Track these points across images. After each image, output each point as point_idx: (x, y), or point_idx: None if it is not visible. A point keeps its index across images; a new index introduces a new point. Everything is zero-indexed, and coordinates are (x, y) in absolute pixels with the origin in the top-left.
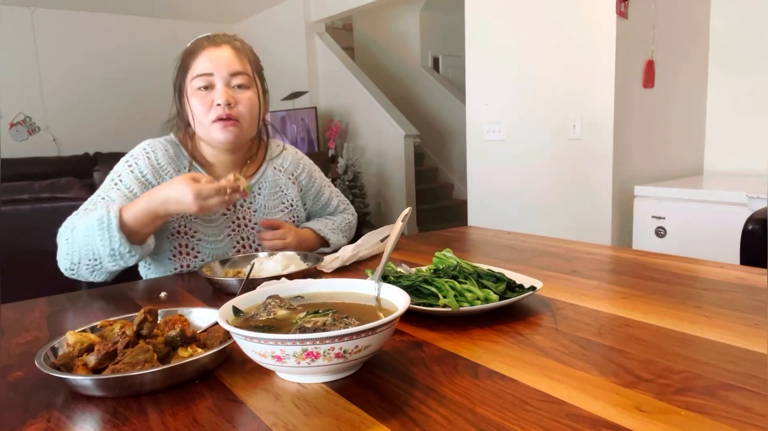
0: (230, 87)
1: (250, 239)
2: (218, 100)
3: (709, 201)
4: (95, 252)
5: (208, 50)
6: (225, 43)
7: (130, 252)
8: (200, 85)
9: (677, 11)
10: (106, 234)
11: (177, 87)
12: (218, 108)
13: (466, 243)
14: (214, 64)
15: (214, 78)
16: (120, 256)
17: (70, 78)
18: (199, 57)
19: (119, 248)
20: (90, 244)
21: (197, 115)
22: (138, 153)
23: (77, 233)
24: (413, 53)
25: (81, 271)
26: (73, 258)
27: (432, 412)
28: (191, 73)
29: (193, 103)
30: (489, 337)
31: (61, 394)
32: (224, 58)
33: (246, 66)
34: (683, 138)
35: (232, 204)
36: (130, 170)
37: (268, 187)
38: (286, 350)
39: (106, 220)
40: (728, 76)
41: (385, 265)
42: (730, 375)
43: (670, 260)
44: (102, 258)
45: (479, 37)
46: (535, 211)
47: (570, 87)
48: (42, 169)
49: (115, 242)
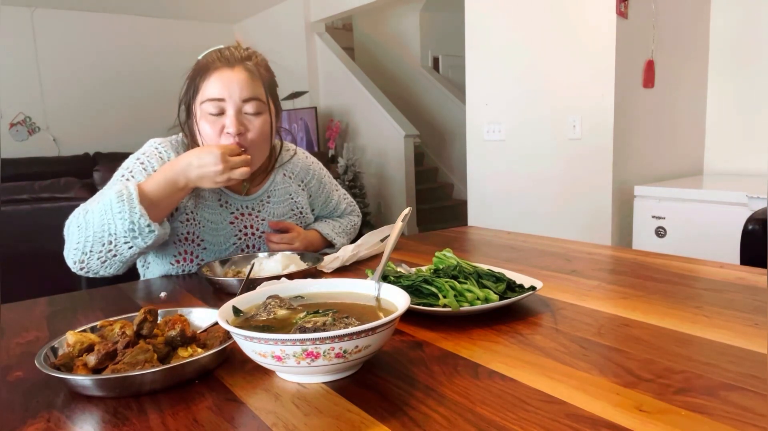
0: (241, 113)
1: (255, 248)
2: (228, 129)
3: (709, 201)
4: (111, 233)
5: (221, 72)
6: (238, 63)
7: (149, 226)
8: (211, 111)
9: (677, 11)
10: (125, 207)
11: (186, 104)
12: (228, 136)
13: (466, 243)
14: (226, 89)
15: (226, 104)
16: (139, 231)
17: (70, 78)
18: (211, 79)
19: (139, 220)
20: (106, 223)
21: (206, 138)
22: (150, 152)
23: (91, 215)
24: (413, 53)
25: (92, 263)
26: (85, 246)
27: (432, 412)
28: (201, 96)
29: (202, 127)
30: (489, 337)
31: (61, 394)
32: (237, 83)
33: (259, 90)
34: (683, 138)
35: None
36: (143, 167)
37: (278, 194)
38: (286, 350)
39: (125, 193)
40: (728, 76)
41: (385, 265)
42: (730, 375)
43: (670, 260)
44: (118, 238)
45: (479, 37)
46: (535, 211)
47: (570, 87)
48: (42, 169)
49: (135, 214)
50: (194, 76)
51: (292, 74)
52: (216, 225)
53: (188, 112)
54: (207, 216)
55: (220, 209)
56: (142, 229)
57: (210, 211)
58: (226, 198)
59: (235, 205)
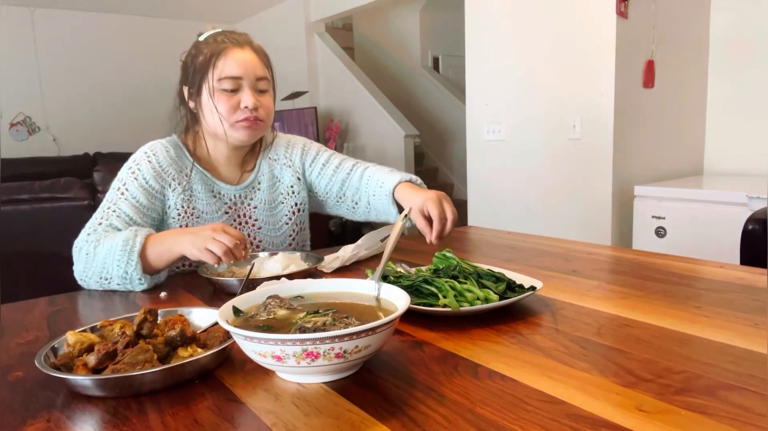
0: (255, 91)
1: (251, 236)
2: (246, 103)
3: (709, 201)
4: (108, 272)
5: (234, 51)
6: (246, 43)
7: (140, 279)
8: (227, 88)
9: (677, 11)
10: (125, 256)
11: (195, 84)
12: (245, 110)
13: (466, 243)
14: (242, 68)
15: (243, 81)
16: (130, 280)
17: (70, 78)
18: (227, 58)
19: (132, 272)
20: (107, 263)
21: (223, 114)
22: (140, 158)
23: (99, 251)
24: (413, 53)
25: (90, 283)
26: (85, 274)
27: (432, 412)
28: (218, 73)
29: (219, 103)
30: (489, 337)
31: (61, 394)
32: (251, 62)
33: (266, 70)
34: (683, 138)
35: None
36: (134, 178)
37: (265, 180)
38: (286, 350)
39: (130, 243)
40: (728, 76)
41: (385, 265)
42: (730, 375)
43: (670, 260)
44: (112, 279)
45: (479, 37)
46: (535, 211)
47: (570, 87)
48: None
49: (130, 266)
50: (208, 58)
51: (292, 74)
52: (211, 216)
53: (198, 92)
54: (201, 207)
55: (213, 200)
56: (133, 280)
57: (204, 201)
58: (219, 188)
59: (228, 194)
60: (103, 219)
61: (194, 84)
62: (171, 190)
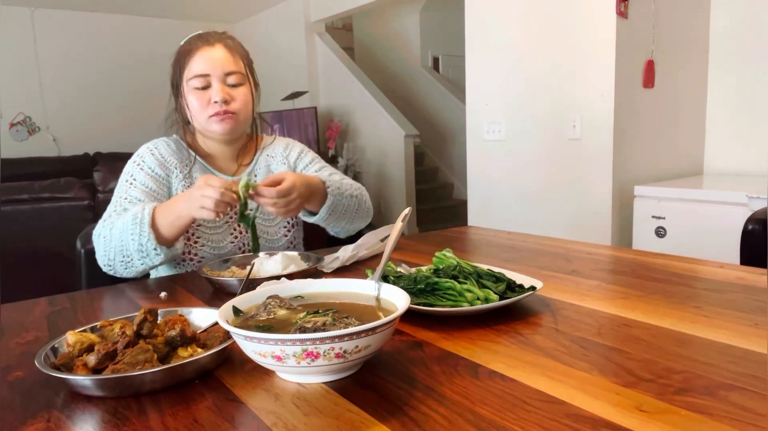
0: (226, 84)
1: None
2: (215, 98)
3: (709, 201)
4: (127, 248)
5: (202, 50)
6: (218, 41)
7: (156, 250)
8: (197, 86)
9: (677, 11)
10: (137, 229)
11: (174, 85)
12: (215, 105)
13: (466, 243)
14: (209, 64)
15: (211, 78)
16: (146, 252)
17: (70, 78)
18: (195, 57)
19: (147, 243)
20: (123, 240)
21: (194, 111)
22: (143, 152)
23: (114, 230)
24: (413, 53)
25: (116, 267)
26: (109, 255)
27: (432, 412)
28: (188, 73)
29: (190, 101)
30: (489, 337)
31: (61, 394)
32: (219, 59)
33: (239, 64)
34: (683, 138)
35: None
36: (140, 168)
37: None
38: (286, 350)
39: (140, 216)
40: (728, 76)
41: (385, 265)
42: (730, 375)
43: (670, 260)
44: (132, 255)
45: (479, 37)
46: (535, 211)
47: (570, 87)
48: (42, 169)
49: (144, 237)
50: (179, 59)
51: (292, 74)
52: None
53: (177, 92)
54: None
55: None
56: (149, 251)
57: None
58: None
59: None
60: (117, 206)
61: (174, 85)
62: (174, 177)
